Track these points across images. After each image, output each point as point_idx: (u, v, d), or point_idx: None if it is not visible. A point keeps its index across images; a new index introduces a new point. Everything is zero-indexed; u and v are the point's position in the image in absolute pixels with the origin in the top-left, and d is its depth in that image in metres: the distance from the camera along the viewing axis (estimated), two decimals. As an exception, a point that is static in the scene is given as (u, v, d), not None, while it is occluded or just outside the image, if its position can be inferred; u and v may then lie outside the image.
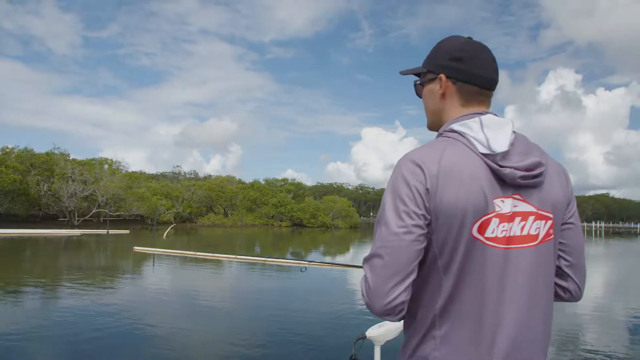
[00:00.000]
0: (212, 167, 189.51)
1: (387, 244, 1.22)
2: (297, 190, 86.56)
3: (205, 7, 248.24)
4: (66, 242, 30.12)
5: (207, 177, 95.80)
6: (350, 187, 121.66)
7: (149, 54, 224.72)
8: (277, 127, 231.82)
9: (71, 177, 54.58)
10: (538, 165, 1.27)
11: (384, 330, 2.94)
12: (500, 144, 1.25)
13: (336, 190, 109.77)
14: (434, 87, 1.42)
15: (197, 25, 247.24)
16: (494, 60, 1.40)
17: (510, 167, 1.24)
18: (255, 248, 31.07)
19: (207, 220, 70.49)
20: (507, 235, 1.24)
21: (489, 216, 1.23)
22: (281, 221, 76.18)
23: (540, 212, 1.29)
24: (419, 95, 1.51)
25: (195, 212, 71.14)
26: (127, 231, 43.09)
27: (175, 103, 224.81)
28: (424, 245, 1.23)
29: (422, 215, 1.22)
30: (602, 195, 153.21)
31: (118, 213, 57.89)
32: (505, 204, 1.24)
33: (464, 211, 1.21)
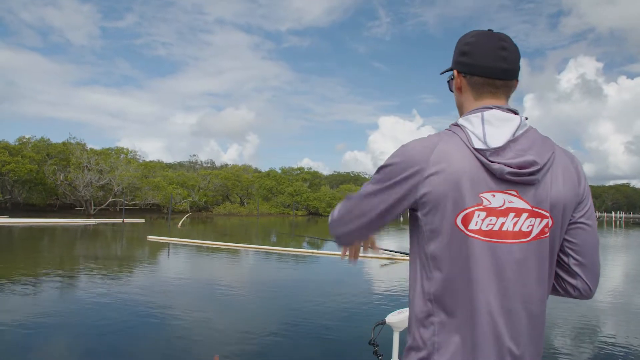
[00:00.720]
0: (230, 156, 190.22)
1: (364, 197, 1.37)
2: (313, 179, 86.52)
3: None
4: (82, 231, 30.35)
5: (224, 166, 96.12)
6: (367, 176, 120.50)
7: (165, 44, 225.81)
8: (294, 117, 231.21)
9: (87, 166, 55.03)
10: (532, 164, 1.28)
11: (404, 317, 2.85)
12: (496, 140, 1.28)
13: (353, 179, 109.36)
14: (454, 83, 1.49)
15: (214, 14, 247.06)
16: (503, 48, 1.39)
17: (500, 163, 1.26)
18: (271, 237, 31.13)
19: (223, 209, 70.86)
20: (496, 229, 1.28)
21: (473, 209, 1.27)
22: (297, 210, 76.38)
23: (535, 209, 1.30)
24: (452, 91, 1.57)
25: (211, 201, 71.50)
26: (142, 220, 43.30)
27: (192, 93, 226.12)
28: (390, 217, 1.36)
29: (402, 197, 1.31)
30: (623, 185, 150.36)
31: (134, 202, 58.35)
32: (496, 199, 1.28)
33: (447, 202, 1.27)
